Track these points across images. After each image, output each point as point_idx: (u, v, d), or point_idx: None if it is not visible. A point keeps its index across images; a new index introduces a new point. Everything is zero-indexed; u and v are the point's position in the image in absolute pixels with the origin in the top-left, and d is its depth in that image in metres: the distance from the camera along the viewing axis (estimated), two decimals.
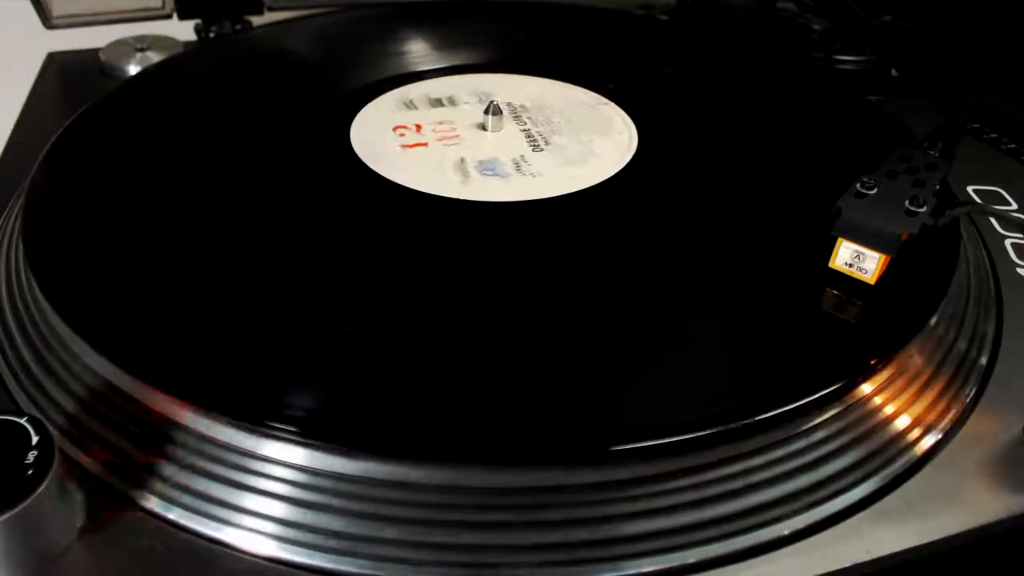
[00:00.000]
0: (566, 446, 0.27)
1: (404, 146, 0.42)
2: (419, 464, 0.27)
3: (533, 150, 0.43)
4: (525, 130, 0.45)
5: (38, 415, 0.27)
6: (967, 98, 0.51)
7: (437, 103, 0.47)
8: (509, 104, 0.46)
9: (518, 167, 0.41)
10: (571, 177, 0.40)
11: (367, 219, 0.38)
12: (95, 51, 0.56)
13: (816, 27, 0.58)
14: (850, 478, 0.29)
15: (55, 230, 0.35)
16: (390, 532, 0.26)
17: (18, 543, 0.24)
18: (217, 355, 0.30)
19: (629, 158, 0.42)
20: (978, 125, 0.50)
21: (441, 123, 0.45)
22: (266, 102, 0.46)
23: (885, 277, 0.33)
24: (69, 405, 0.30)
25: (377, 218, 0.38)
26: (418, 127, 0.44)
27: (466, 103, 0.47)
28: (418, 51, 0.53)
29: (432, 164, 0.41)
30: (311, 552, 0.26)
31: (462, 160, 0.41)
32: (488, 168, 0.41)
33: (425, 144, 0.43)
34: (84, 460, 0.28)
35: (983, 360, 0.34)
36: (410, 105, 0.46)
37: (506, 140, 0.44)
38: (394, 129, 0.44)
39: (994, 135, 0.50)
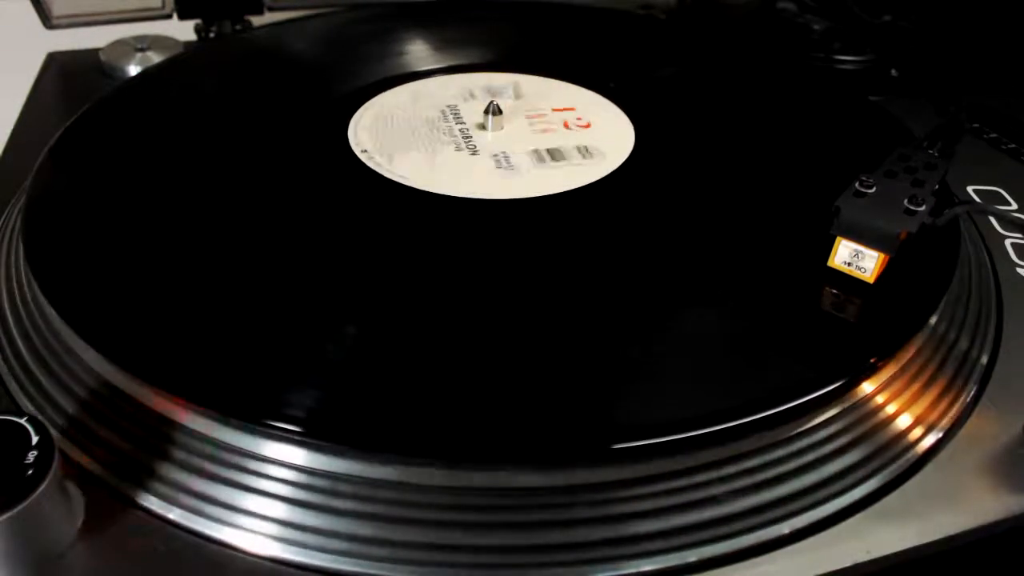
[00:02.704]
0: (566, 446, 0.27)
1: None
2: (419, 464, 0.27)
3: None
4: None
5: (38, 415, 0.28)
6: (967, 98, 0.51)
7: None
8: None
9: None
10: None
11: (365, 218, 0.38)
12: (95, 51, 0.56)
13: (816, 27, 0.58)
14: (850, 478, 0.29)
15: (55, 230, 0.35)
16: (390, 532, 0.26)
17: (18, 543, 0.24)
18: (217, 355, 0.30)
19: (626, 157, 0.42)
20: (978, 125, 0.50)
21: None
22: (266, 102, 0.46)
23: (886, 276, 0.33)
24: (69, 405, 0.30)
25: (375, 217, 0.38)
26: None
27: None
28: (418, 51, 0.53)
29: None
30: (311, 552, 0.26)
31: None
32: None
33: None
34: (84, 460, 0.28)
35: (983, 360, 0.34)
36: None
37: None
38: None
39: (994, 135, 0.50)
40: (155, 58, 0.55)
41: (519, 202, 0.39)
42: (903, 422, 0.31)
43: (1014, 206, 0.44)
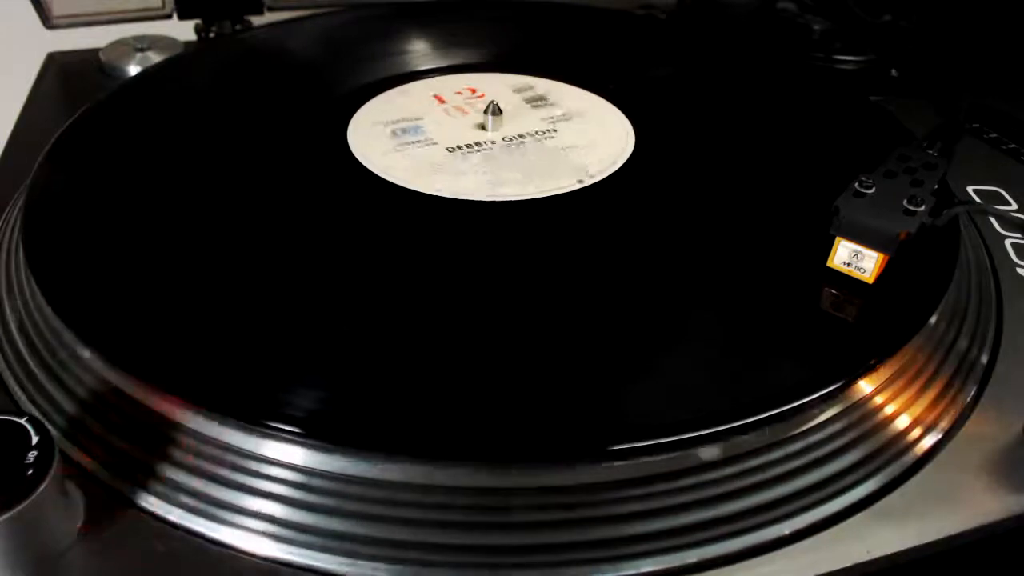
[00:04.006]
0: (565, 446, 0.27)
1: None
2: (418, 464, 0.27)
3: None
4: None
5: (38, 415, 0.28)
6: (967, 98, 0.51)
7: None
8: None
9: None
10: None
11: (364, 219, 0.38)
12: (95, 51, 0.56)
13: (816, 27, 0.58)
14: (850, 478, 0.29)
15: (55, 230, 0.35)
16: (389, 532, 0.26)
17: (18, 543, 0.24)
18: (217, 355, 0.30)
19: (626, 158, 0.42)
20: (978, 125, 0.50)
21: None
22: (266, 102, 0.46)
23: (886, 276, 0.33)
24: (69, 405, 0.30)
25: (374, 218, 0.38)
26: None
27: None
28: (417, 51, 0.53)
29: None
30: (311, 552, 0.26)
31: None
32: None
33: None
34: (84, 460, 0.28)
35: (983, 360, 0.34)
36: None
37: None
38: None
39: (994, 135, 0.50)
40: (155, 58, 0.55)
41: (517, 203, 0.39)
42: (903, 422, 0.31)
43: (1014, 206, 0.44)
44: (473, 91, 0.48)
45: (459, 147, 0.43)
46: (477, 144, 0.43)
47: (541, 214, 0.38)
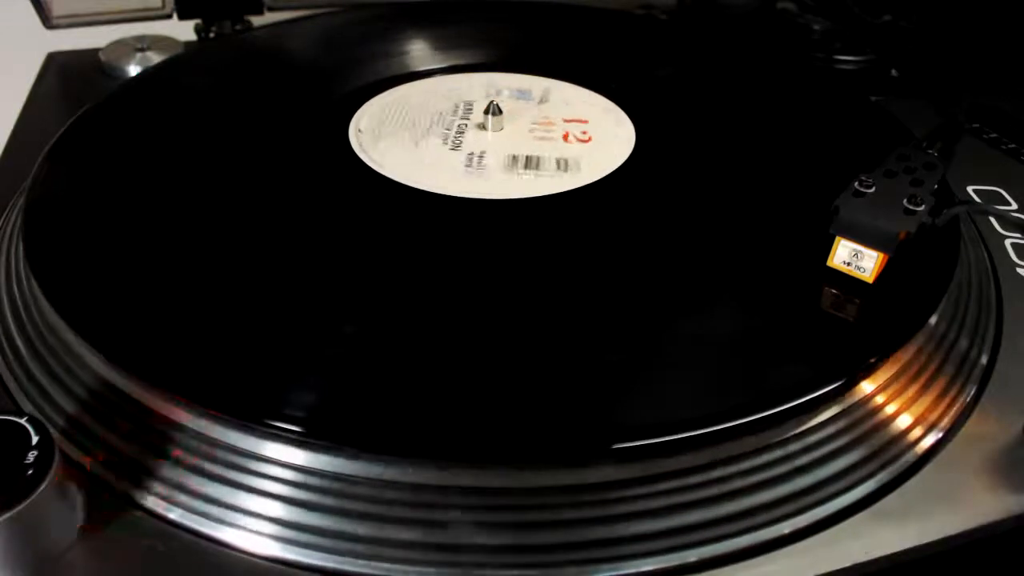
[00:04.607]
0: (565, 446, 0.27)
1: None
2: (419, 464, 0.27)
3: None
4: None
5: (38, 415, 0.28)
6: (967, 98, 0.51)
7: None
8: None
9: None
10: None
11: (366, 218, 0.38)
12: (95, 51, 0.56)
13: (816, 27, 0.58)
14: (850, 478, 0.29)
15: (55, 230, 0.35)
16: (389, 532, 0.26)
17: (18, 543, 0.24)
18: (217, 355, 0.30)
19: (626, 158, 0.42)
20: (978, 125, 0.50)
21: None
22: (266, 102, 0.46)
23: (886, 276, 0.33)
24: (69, 405, 0.30)
25: (375, 217, 0.38)
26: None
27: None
28: (417, 51, 0.53)
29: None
30: (311, 552, 0.26)
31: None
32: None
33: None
34: (84, 460, 0.28)
35: (983, 359, 0.34)
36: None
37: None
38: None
39: (994, 135, 0.50)
40: (155, 58, 0.55)
41: (516, 202, 0.39)
42: (903, 422, 0.31)
43: (1014, 206, 0.44)
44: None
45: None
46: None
47: (541, 213, 0.38)
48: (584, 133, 0.44)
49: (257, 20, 0.60)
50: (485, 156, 0.42)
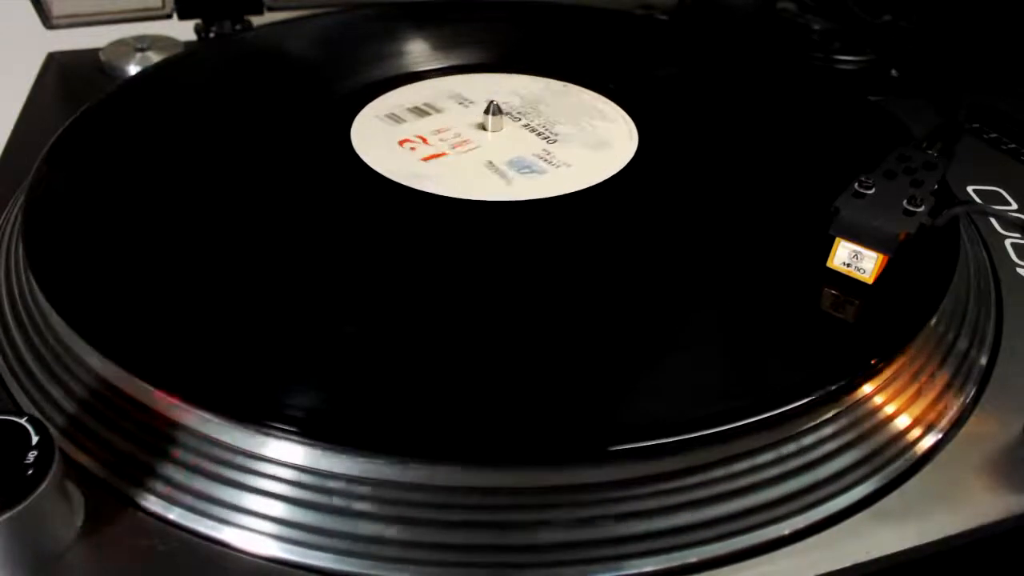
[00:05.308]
0: (566, 446, 0.27)
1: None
2: (418, 464, 0.27)
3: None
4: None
5: (38, 415, 0.28)
6: (967, 98, 0.51)
7: (424, 111, 0.47)
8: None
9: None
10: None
11: (366, 218, 0.38)
12: (95, 51, 0.56)
13: (816, 27, 0.58)
14: (850, 478, 0.29)
15: (55, 230, 0.35)
16: (389, 532, 0.26)
17: (18, 543, 0.24)
18: (217, 355, 0.30)
19: (628, 159, 0.42)
20: (978, 125, 0.50)
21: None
22: (266, 102, 0.46)
23: (886, 276, 0.33)
24: (69, 405, 0.30)
25: (376, 217, 0.38)
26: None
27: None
28: (417, 51, 0.53)
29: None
30: (311, 552, 0.26)
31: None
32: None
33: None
34: (84, 460, 0.28)
35: (983, 360, 0.34)
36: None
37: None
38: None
39: (994, 135, 0.50)
40: (155, 58, 0.55)
41: (516, 204, 0.39)
42: (903, 422, 0.31)
43: (1014, 206, 0.44)
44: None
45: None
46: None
47: (541, 214, 0.38)
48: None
49: (257, 20, 0.60)
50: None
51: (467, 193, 0.39)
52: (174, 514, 0.27)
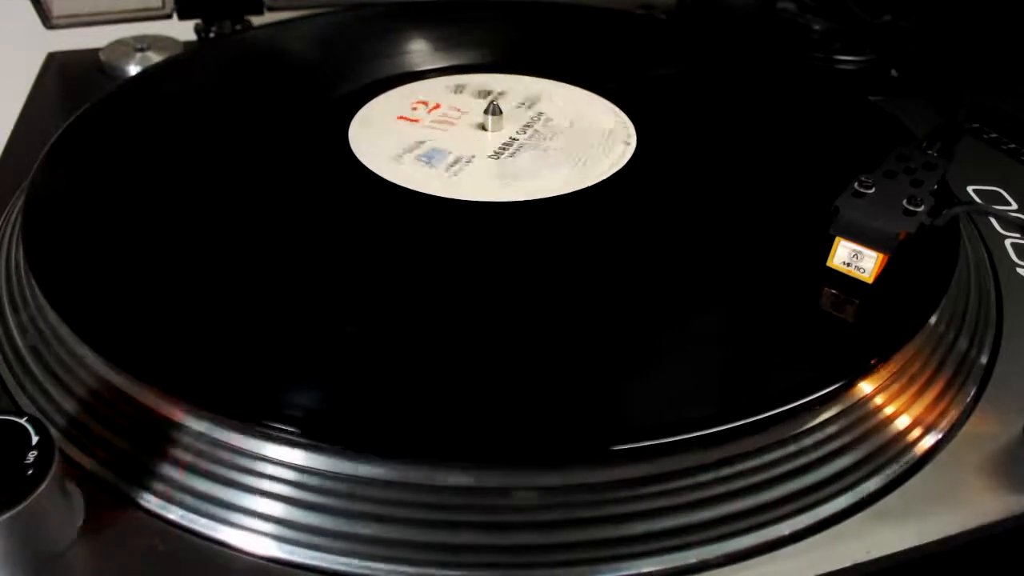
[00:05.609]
0: (566, 446, 0.27)
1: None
2: (418, 464, 0.27)
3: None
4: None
5: (38, 415, 0.28)
6: (967, 98, 0.51)
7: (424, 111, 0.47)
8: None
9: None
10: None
11: (365, 220, 0.38)
12: (95, 51, 0.56)
13: (816, 27, 0.58)
14: (850, 478, 0.29)
15: (55, 230, 0.35)
16: (389, 532, 0.26)
17: (18, 543, 0.24)
18: (217, 355, 0.30)
19: (627, 159, 0.42)
20: (978, 125, 0.50)
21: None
22: (266, 102, 0.46)
23: (886, 276, 0.33)
24: (69, 405, 0.30)
25: (374, 219, 0.38)
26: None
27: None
28: (417, 51, 0.53)
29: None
30: (311, 552, 0.26)
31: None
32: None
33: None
34: (84, 460, 0.28)
35: (983, 360, 0.34)
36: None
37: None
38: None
39: (994, 135, 0.50)
40: (155, 58, 0.55)
41: (516, 204, 0.39)
42: (903, 422, 0.31)
43: (1014, 206, 0.44)
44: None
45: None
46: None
47: (541, 214, 0.38)
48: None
49: (257, 20, 0.60)
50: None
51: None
52: (174, 514, 0.27)
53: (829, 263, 0.34)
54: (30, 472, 0.24)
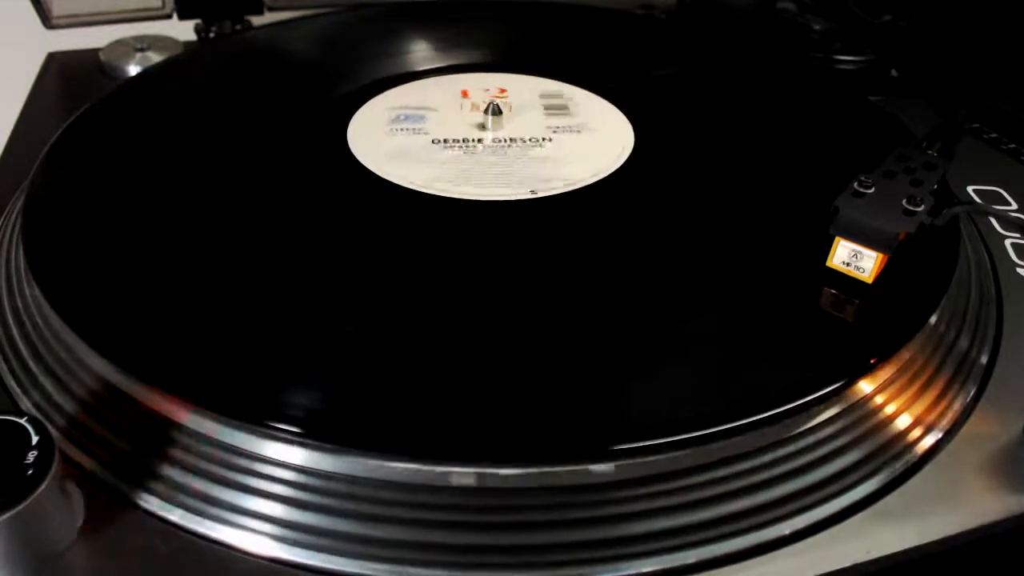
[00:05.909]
0: (565, 446, 0.27)
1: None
2: (418, 464, 0.27)
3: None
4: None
5: (38, 415, 0.28)
6: (967, 98, 0.51)
7: (424, 111, 0.46)
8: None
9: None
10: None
11: (364, 219, 0.38)
12: (95, 51, 0.56)
13: (816, 27, 0.58)
14: (850, 478, 0.29)
15: (55, 230, 0.35)
16: (389, 532, 0.26)
17: (18, 543, 0.24)
18: (217, 355, 0.30)
19: (626, 158, 0.42)
20: (978, 125, 0.50)
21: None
22: (265, 102, 0.46)
23: (887, 276, 0.33)
24: (69, 405, 0.30)
25: (374, 218, 0.38)
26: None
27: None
28: (417, 51, 0.53)
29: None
30: (311, 552, 0.26)
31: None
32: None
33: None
34: (84, 460, 0.28)
35: (983, 359, 0.34)
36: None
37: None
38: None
39: (994, 135, 0.50)
40: (155, 58, 0.55)
41: (517, 203, 0.38)
42: (903, 422, 0.31)
43: (1014, 206, 0.44)
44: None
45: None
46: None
47: (541, 214, 0.38)
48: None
49: (257, 20, 0.60)
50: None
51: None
52: (175, 514, 0.27)
53: (829, 263, 0.34)
54: (30, 472, 0.24)
